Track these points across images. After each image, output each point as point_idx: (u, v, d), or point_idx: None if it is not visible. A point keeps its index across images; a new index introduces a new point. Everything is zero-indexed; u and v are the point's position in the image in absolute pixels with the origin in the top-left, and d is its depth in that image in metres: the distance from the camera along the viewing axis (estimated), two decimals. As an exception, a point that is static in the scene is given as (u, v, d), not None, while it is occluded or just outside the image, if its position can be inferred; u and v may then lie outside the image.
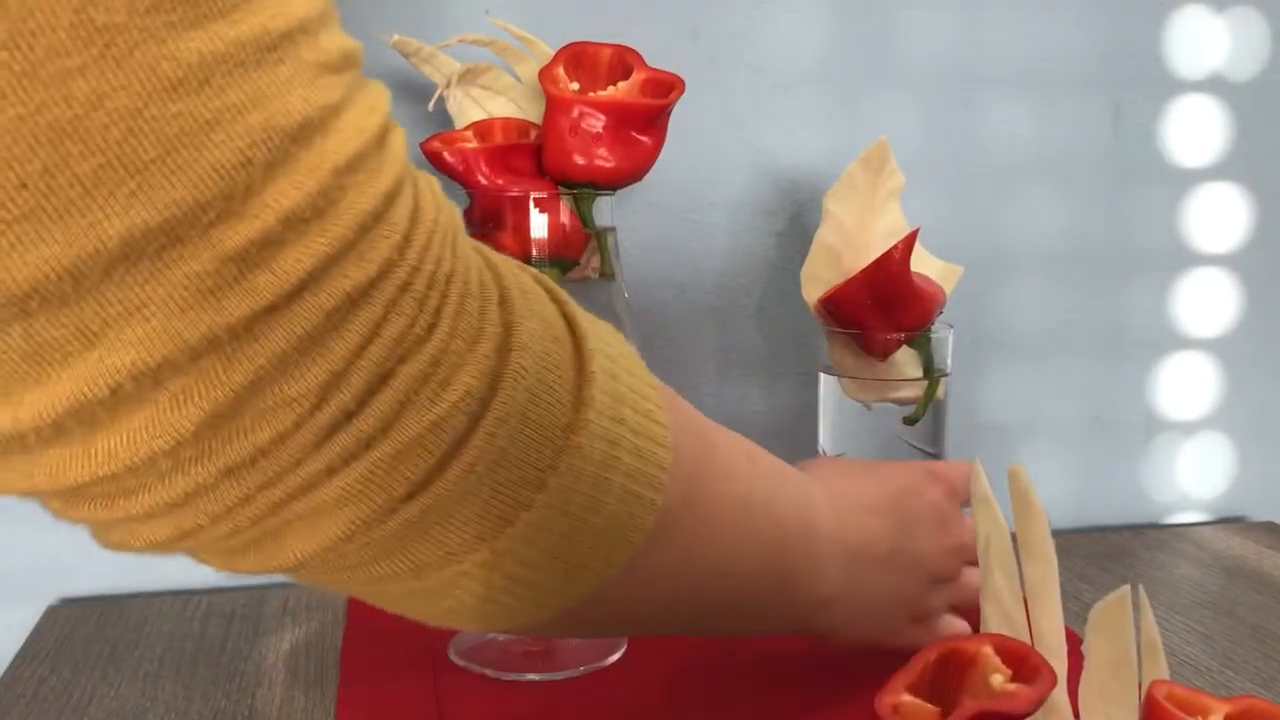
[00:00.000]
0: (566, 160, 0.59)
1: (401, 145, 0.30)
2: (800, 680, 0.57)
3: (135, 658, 0.62)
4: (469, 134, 0.61)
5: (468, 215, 0.59)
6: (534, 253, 0.57)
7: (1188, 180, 0.82)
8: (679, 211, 0.75)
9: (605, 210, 0.60)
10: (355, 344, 0.28)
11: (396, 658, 0.59)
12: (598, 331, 0.37)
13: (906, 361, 0.62)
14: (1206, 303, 0.84)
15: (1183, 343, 0.84)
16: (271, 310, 0.26)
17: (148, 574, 0.71)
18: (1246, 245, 0.84)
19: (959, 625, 0.55)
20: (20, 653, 0.63)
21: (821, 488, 0.49)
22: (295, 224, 0.26)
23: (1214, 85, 0.81)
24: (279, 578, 0.75)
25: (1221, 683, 0.58)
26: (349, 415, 0.28)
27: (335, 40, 0.28)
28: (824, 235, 0.65)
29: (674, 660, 0.59)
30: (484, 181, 0.58)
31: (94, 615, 0.67)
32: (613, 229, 0.61)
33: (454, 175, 0.59)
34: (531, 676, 0.57)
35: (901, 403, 0.62)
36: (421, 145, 0.60)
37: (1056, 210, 0.80)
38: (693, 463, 0.40)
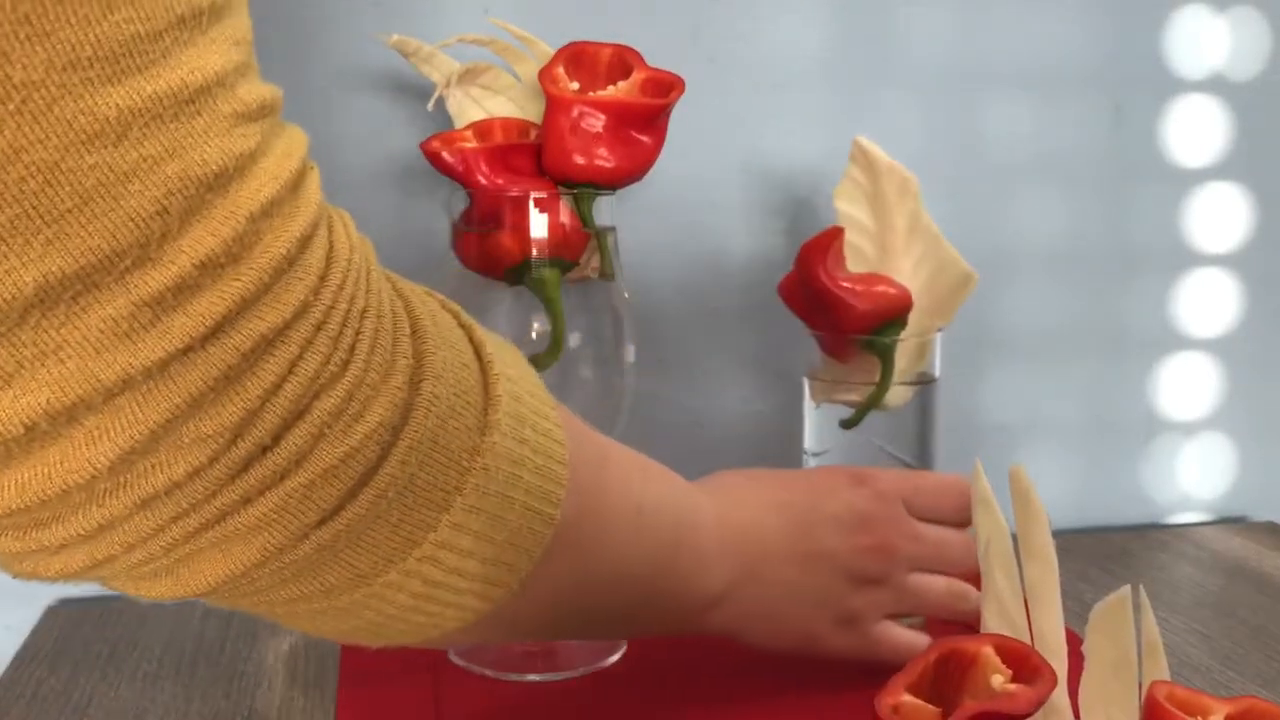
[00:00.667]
0: (566, 160, 0.58)
1: (316, 187, 0.31)
2: (801, 680, 0.57)
3: (134, 658, 0.62)
4: (469, 134, 0.61)
5: (467, 215, 0.59)
6: (534, 253, 0.57)
7: (1188, 180, 0.82)
8: (679, 211, 0.75)
9: (605, 210, 0.60)
10: (270, 382, 0.29)
11: (396, 658, 0.59)
12: (502, 355, 0.39)
13: (878, 365, 0.60)
14: (1207, 303, 0.84)
15: (1183, 343, 0.84)
16: (187, 351, 0.27)
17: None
18: (1247, 245, 0.83)
19: (901, 634, 0.54)
20: (19, 653, 0.63)
21: (711, 493, 0.51)
22: (211, 269, 0.27)
23: (1215, 85, 0.81)
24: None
25: (1222, 683, 0.58)
26: (264, 450, 0.29)
27: (253, 90, 0.29)
28: (848, 236, 0.64)
29: (674, 660, 0.59)
30: (484, 181, 0.58)
31: (93, 616, 0.67)
32: (613, 229, 0.61)
33: (454, 175, 0.59)
34: (531, 677, 0.57)
35: (850, 405, 0.61)
36: (421, 145, 0.60)
37: (1057, 210, 0.80)
38: (588, 476, 0.42)
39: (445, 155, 0.59)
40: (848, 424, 0.61)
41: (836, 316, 0.59)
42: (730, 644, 0.60)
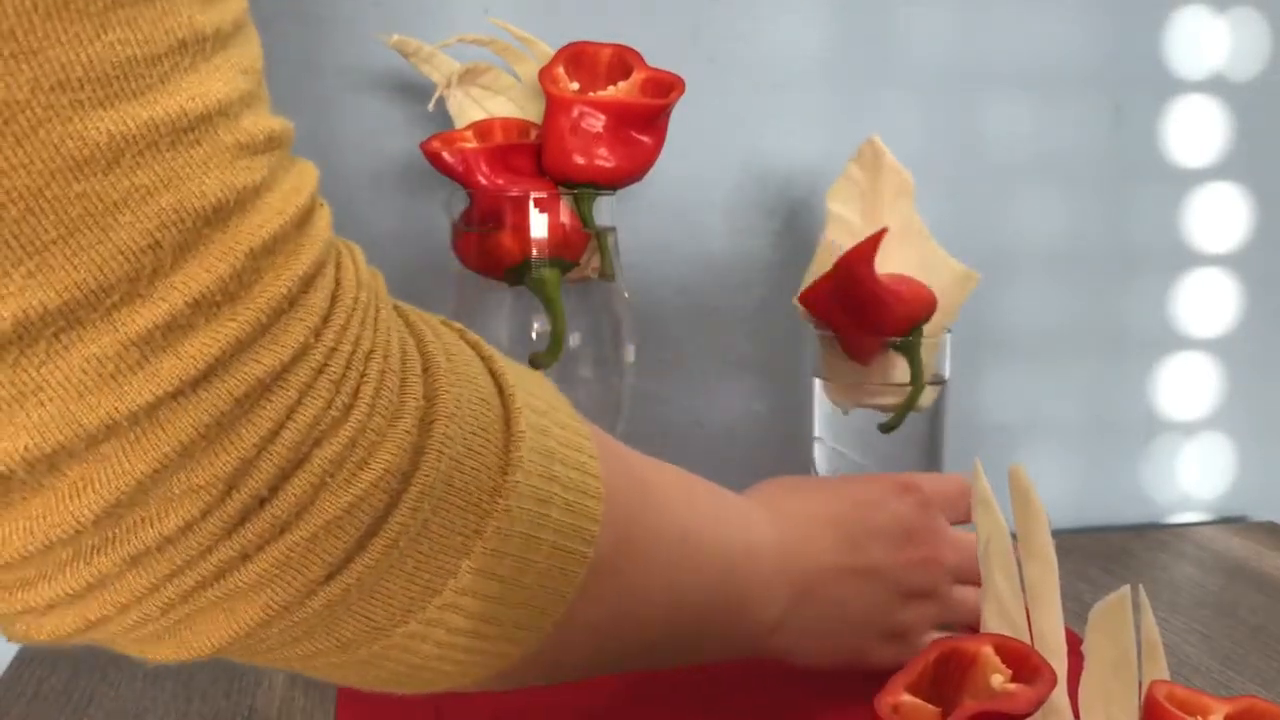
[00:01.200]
0: (566, 160, 0.58)
1: (326, 225, 0.29)
2: (801, 680, 0.57)
3: (135, 658, 0.61)
4: (469, 134, 0.61)
5: (467, 215, 0.59)
6: (534, 253, 0.57)
7: (1188, 180, 0.82)
8: (679, 211, 0.75)
9: (605, 210, 0.60)
10: (267, 430, 0.27)
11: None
12: (526, 385, 0.36)
13: (897, 367, 0.61)
14: (1207, 303, 0.84)
15: (1183, 343, 0.84)
16: (177, 395, 0.25)
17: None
18: (1247, 245, 0.83)
19: None
20: (20, 653, 0.63)
21: (764, 509, 0.49)
22: (204, 308, 0.25)
23: (1214, 85, 0.81)
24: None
25: (1222, 683, 0.58)
26: (261, 501, 0.27)
27: (260, 121, 0.28)
28: (830, 236, 0.64)
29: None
30: (484, 181, 0.58)
31: (94, 615, 0.67)
32: (613, 229, 0.61)
33: (454, 175, 0.59)
34: (531, 677, 0.57)
35: (883, 409, 0.61)
36: (421, 145, 0.60)
37: (1057, 210, 0.80)
38: (626, 506, 0.39)
39: (445, 155, 0.59)
40: (887, 427, 0.60)
41: (878, 319, 0.59)
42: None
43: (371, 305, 0.30)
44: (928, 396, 0.61)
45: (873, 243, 0.58)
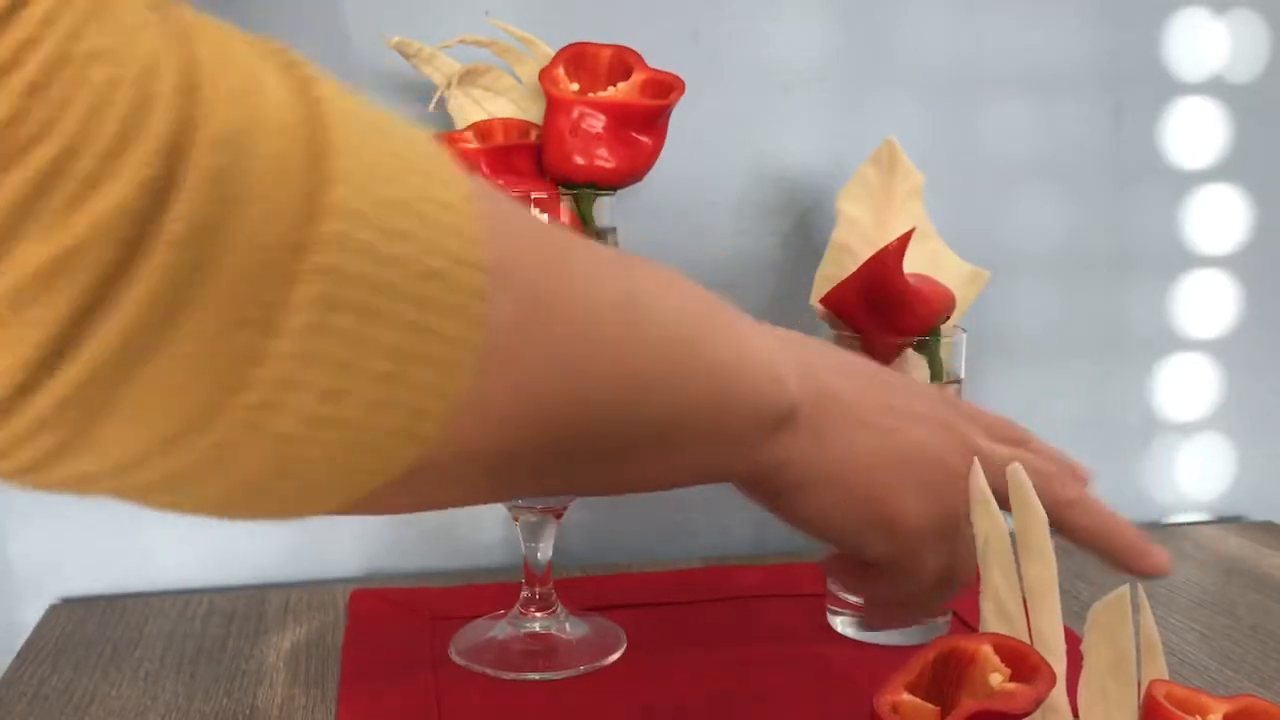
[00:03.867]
0: (567, 160, 0.59)
1: None
2: (801, 680, 0.57)
3: (136, 657, 0.62)
4: (469, 135, 0.61)
5: None
6: None
7: (1188, 181, 0.82)
8: (679, 211, 0.75)
9: (605, 210, 0.60)
10: None
11: (397, 657, 0.59)
12: (365, 124, 0.28)
13: (916, 366, 0.61)
14: (1206, 304, 0.84)
15: (1182, 343, 0.84)
16: None
17: (149, 573, 0.72)
18: (1246, 247, 0.84)
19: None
20: (22, 652, 0.63)
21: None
22: None
23: (1214, 87, 0.81)
24: (279, 577, 0.75)
25: (1220, 682, 0.58)
26: None
27: None
28: (839, 236, 0.64)
29: (675, 660, 0.59)
30: None
31: (95, 614, 0.67)
32: (613, 229, 0.61)
33: None
34: (532, 676, 0.58)
35: None
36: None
37: (1057, 211, 0.80)
38: (532, 270, 0.33)
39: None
40: None
41: (904, 319, 0.59)
42: (732, 644, 0.61)
43: None
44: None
45: (902, 243, 0.58)
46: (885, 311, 0.59)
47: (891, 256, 0.57)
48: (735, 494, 0.77)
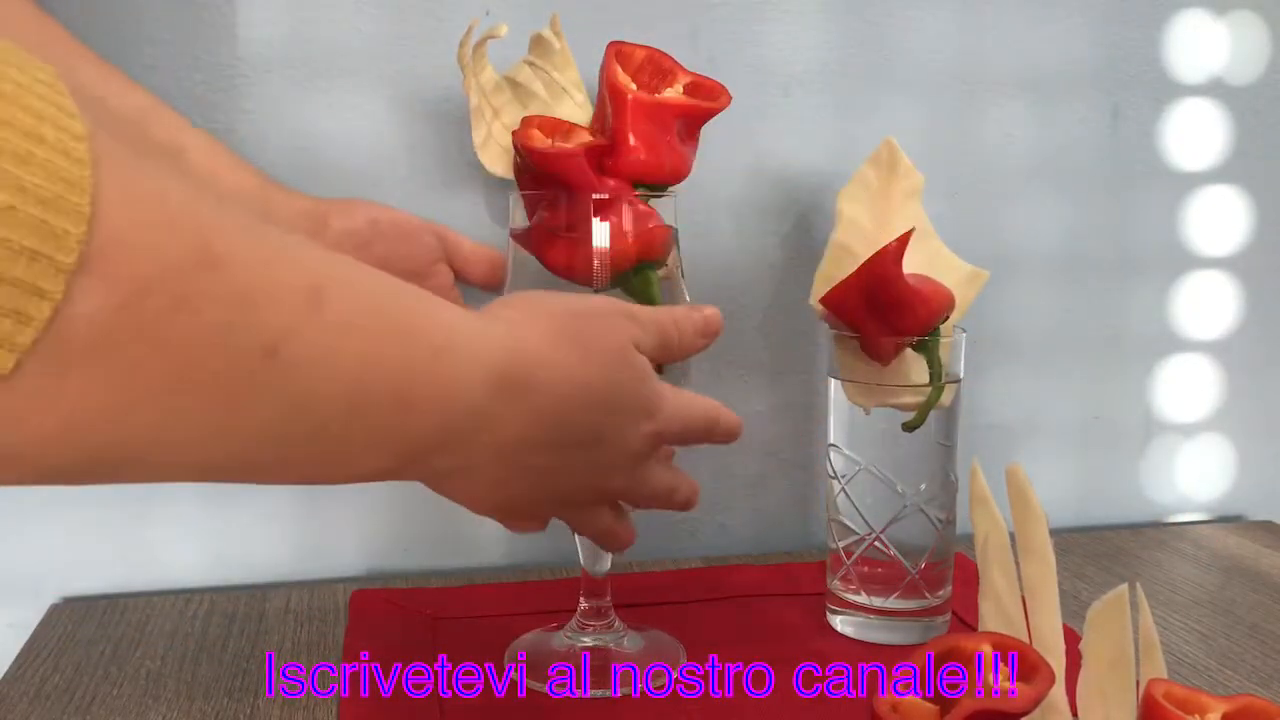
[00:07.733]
0: (657, 162, 0.60)
1: None
2: (801, 680, 0.57)
3: (137, 657, 0.62)
4: (536, 134, 0.61)
5: (552, 218, 0.56)
6: (635, 255, 0.56)
7: (1187, 183, 0.82)
8: (680, 212, 0.75)
9: (669, 210, 0.59)
10: None
11: (397, 658, 0.59)
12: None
13: (914, 366, 0.61)
14: (1205, 304, 0.84)
15: (1182, 344, 0.84)
16: None
17: (151, 573, 0.72)
18: (1245, 248, 0.84)
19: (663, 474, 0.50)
20: (23, 651, 0.63)
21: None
22: None
23: (1213, 88, 0.81)
24: (280, 577, 0.75)
25: (1219, 681, 0.58)
26: None
27: None
28: (839, 236, 0.64)
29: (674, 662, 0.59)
30: (592, 184, 0.58)
31: (97, 614, 0.67)
32: (674, 228, 0.59)
33: (558, 176, 0.58)
34: (533, 682, 0.58)
35: (903, 408, 0.61)
36: (522, 142, 0.59)
37: (1056, 212, 0.80)
38: (160, 249, 0.28)
39: (548, 154, 0.58)
40: (911, 426, 0.60)
41: (904, 319, 0.59)
42: (730, 641, 0.61)
43: None
44: (950, 393, 0.61)
45: (902, 243, 0.58)
46: (885, 311, 0.59)
47: (891, 256, 0.57)
48: (735, 494, 0.77)
